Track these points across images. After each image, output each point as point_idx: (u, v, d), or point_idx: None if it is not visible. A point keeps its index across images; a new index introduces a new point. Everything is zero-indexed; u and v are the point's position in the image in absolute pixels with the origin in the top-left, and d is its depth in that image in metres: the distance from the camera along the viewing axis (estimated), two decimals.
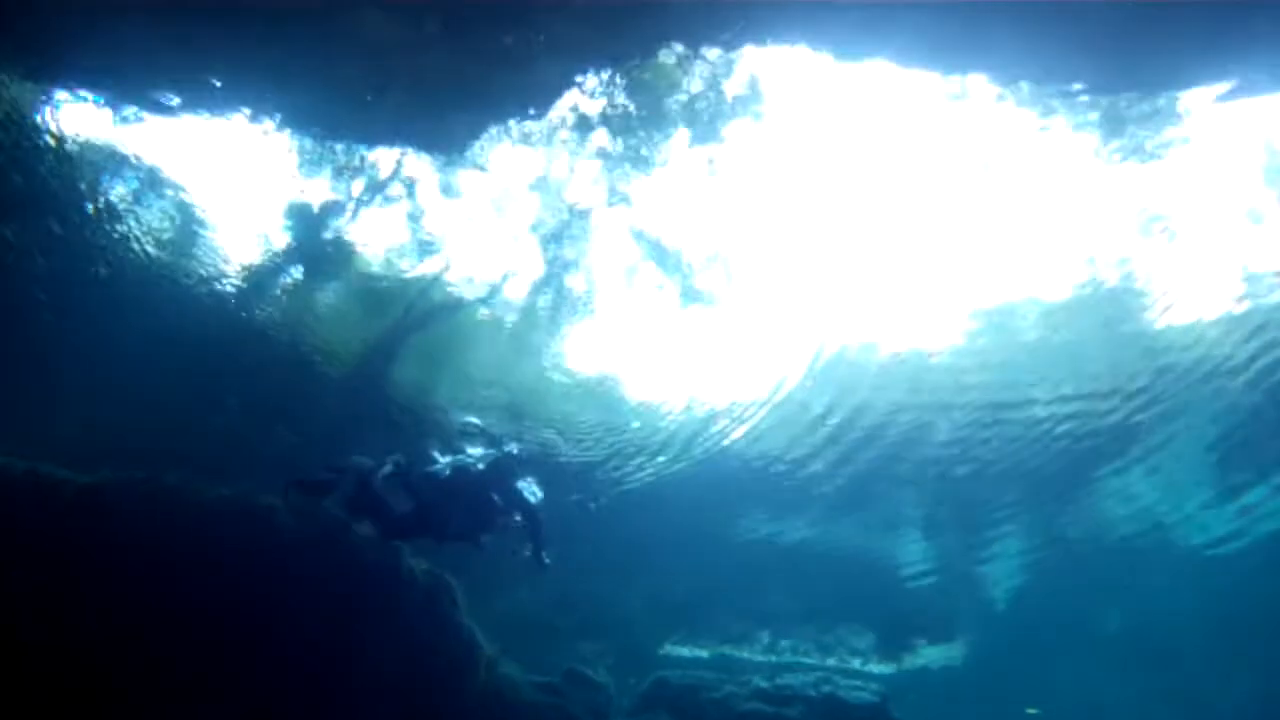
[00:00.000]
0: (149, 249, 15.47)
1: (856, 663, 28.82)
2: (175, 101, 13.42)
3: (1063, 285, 15.64)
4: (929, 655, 28.32)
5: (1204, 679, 27.06)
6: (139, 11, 11.74)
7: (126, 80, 13.07)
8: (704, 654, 28.93)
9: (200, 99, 13.49)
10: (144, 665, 12.28)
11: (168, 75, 12.99)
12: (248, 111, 13.69)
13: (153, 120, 13.59)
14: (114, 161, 14.18)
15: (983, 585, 24.21)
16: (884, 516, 21.60)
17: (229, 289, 16.32)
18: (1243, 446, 18.47)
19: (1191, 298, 15.46)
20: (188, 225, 15.43)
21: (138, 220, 15.06)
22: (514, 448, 13.83)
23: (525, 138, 14.26)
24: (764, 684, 19.49)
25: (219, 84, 13.18)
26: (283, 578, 13.39)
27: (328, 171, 14.88)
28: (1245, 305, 15.32)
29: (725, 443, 19.50)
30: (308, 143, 14.29)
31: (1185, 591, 23.22)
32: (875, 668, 28.84)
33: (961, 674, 28.76)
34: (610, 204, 15.23)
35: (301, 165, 14.65)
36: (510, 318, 17.25)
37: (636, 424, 19.35)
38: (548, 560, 13.28)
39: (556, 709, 17.33)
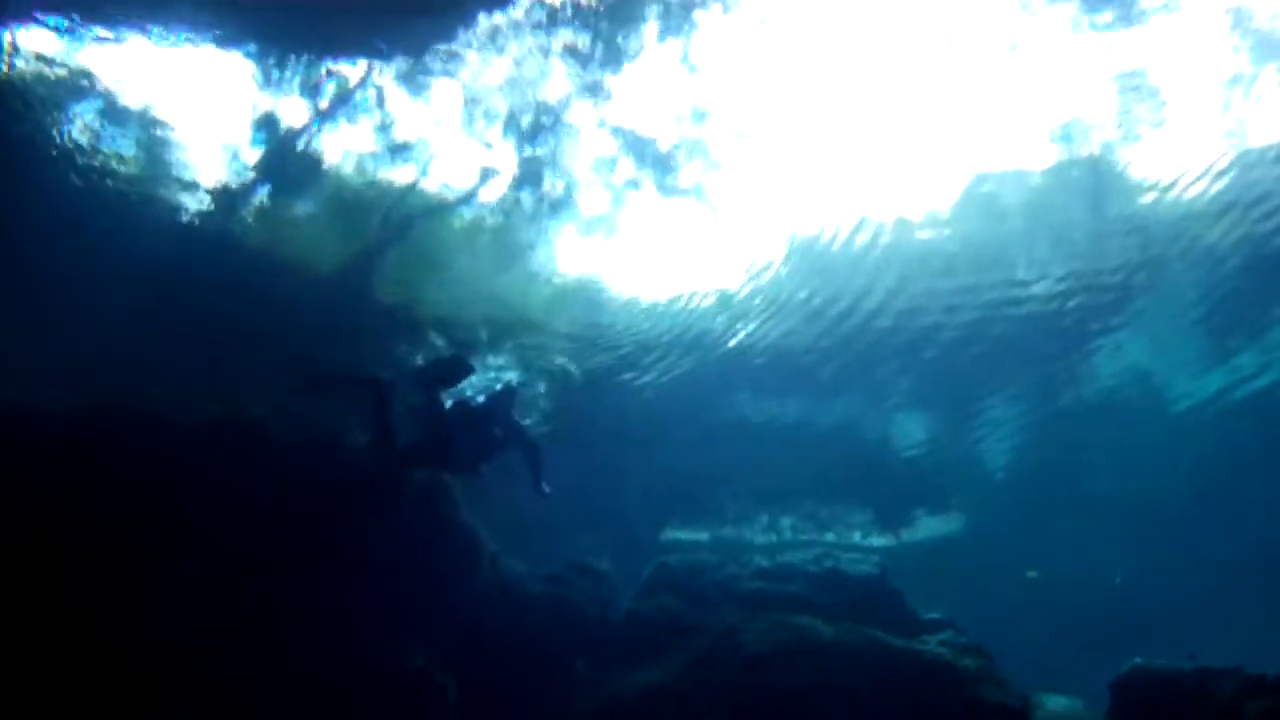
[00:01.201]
0: (118, 177, 15.44)
1: (856, 537, 29.35)
2: (132, 21, 13.26)
3: (1045, 158, 15.60)
4: (928, 526, 28.78)
5: (1195, 535, 27.63)
6: None
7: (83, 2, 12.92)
8: (704, 537, 29.42)
9: (159, 17, 13.36)
10: (144, 583, 12.53)
11: None
12: (208, 29, 13.59)
13: (110, 44, 13.48)
14: (76, 90, 14.11)
15: (978, 456, 24.48)
16: (877, 394, 21.78)
17: (202, 211, 16.29)
18: (1229, 310, 18.60)
19: (1174, 167, 15.42)
20: (155, 150, 15.37)
21: (104, 148, 15.01)
22: (513, 380, 13.98)
23: (493, 36, 14.12)
24: (765, 563, 19.82)
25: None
26: (279, 487, 13.61)
27: (295, 85, 14.78)
28: (1228, 172, 15.29)
29: (713, 331, 19.61)
30: (271, 58, 14.17)
31: (1175, 452, 23.56)
32: (875, 541, 29.43)
33: (960, 543, 29.28)
34: (582, 100, 15.12)
35: (266, 82, 14.58)
36: (490, 221, 17.20)
37: (621, 324, 19.47)
38: (547, 489, 13.79)
39: (561, 599, 17.73)
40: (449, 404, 13.40)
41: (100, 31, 13.29)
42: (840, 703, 15.15)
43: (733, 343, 20.02)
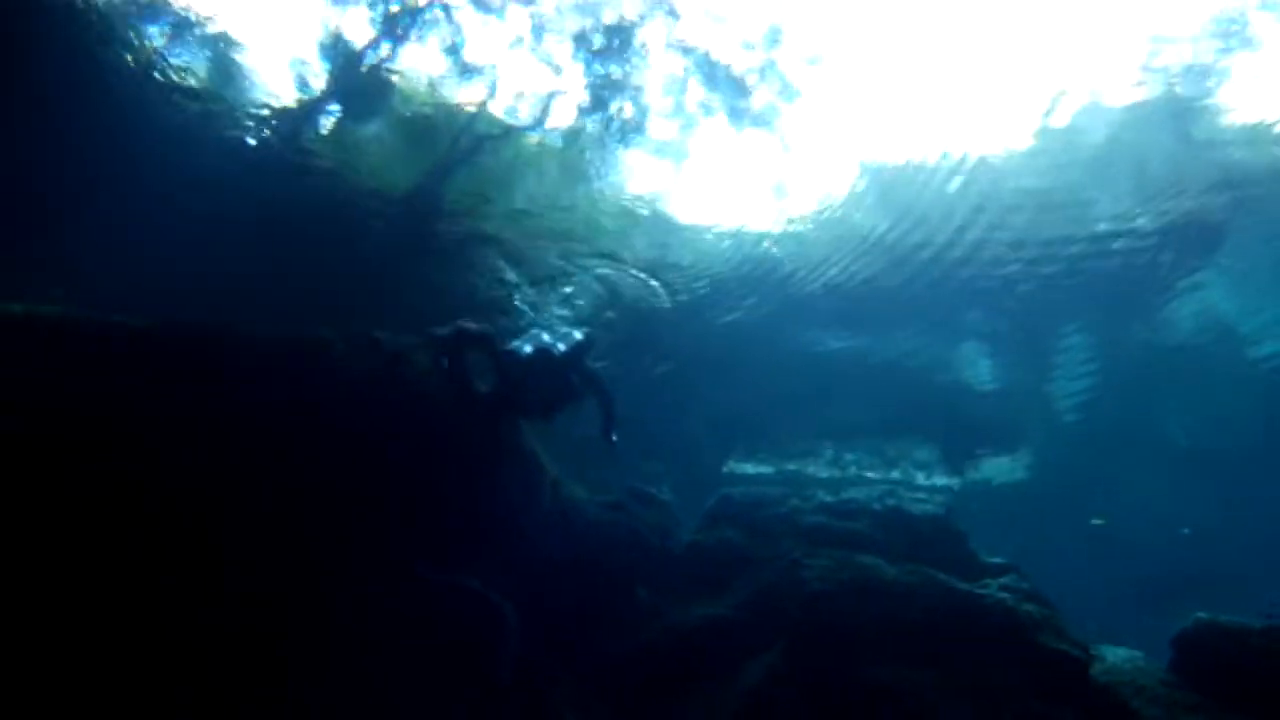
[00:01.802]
0: (190, 94, 15.47)
1: (921, 476, 29.15)
2: None
3: (1131, 93, 15.01)
4: (993, 468, 28.54)
5: (1268, 489, 27.00)
6: None
7: None
8: (768, 470, 29.43)
9: None
10: (211, 507, 12.68)
11: None
12: None
13: None
14: (148, 8, 14.11)
15: (1048, 397, 24.07)
16: (947, 329, 21.45)
17: (272, 130, 16.27)
18: None
19: (1260, 99, 14.74)
20: (226, 68, 15.39)
21: (175, 65, 15.03)
22: (588, 332, 14.09)
23: None
24: (828, 498, 19.69)
25: None
26: (344, 409, 13.66)
27: (363, 2, 14.64)
28: None
29: (782, 263, 19.35)
30: None
31: (1250, 402, 22.94)
32: (940, 481, 29.20)
33: (1026, 486, 28.99)
34: (653, 17, 14.82)
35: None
36: (559, 145, 17.03)
37: (688, 253, 19.26)
38: (615, 439, 14.23)
39: (622, 526, 17.78)
40: (530, 350, 13.57)
41: None
42: (899, 643, 15.07)
43: (801, 274, 19.69)
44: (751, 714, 14.20)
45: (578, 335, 13.91)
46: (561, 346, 13.54)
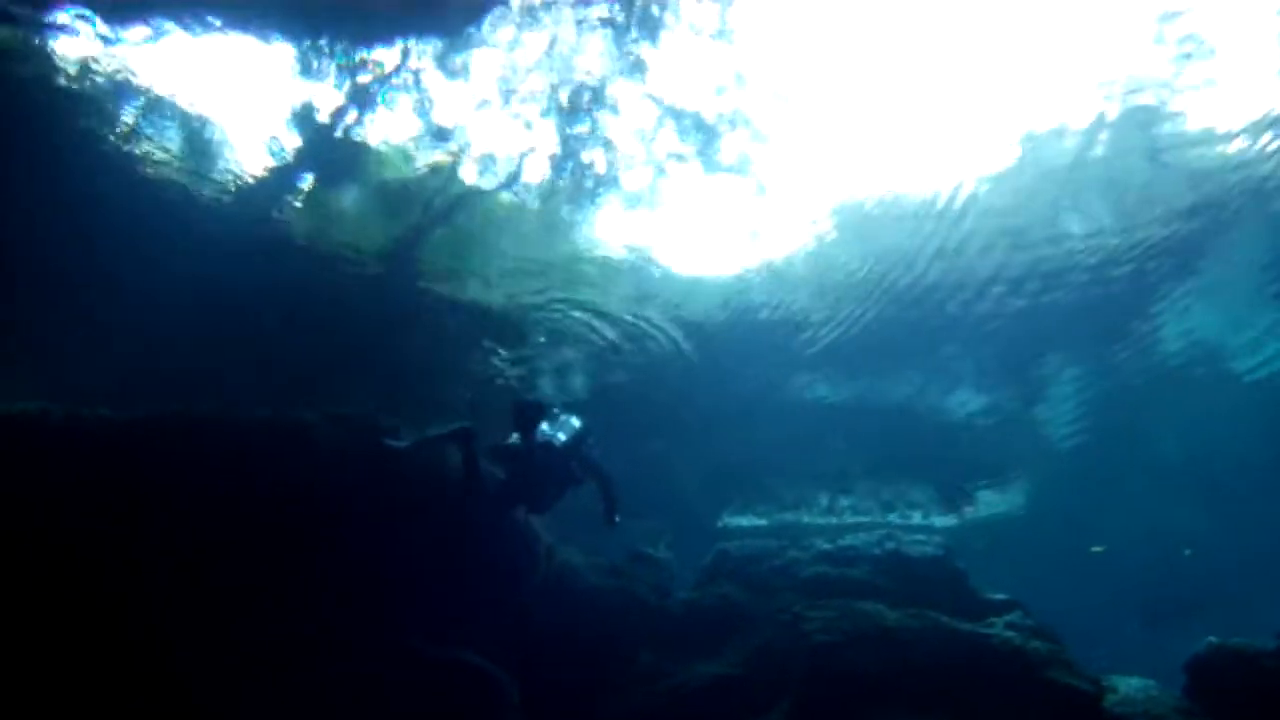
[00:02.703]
0: (162, 172, 15.50)
1: (917, 517, 29.10)
2: (167, 14, 13.28)
3: (1095, 113, 15.08)
4: (989, 503, 28.51)
5: (1269, 507, 26.99)
6: None
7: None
8: (763, 522, 29.31)
9: (193, 14, 13.35)
10: (198, 591, 12.60)
11: None
12: (242, 22, 13.55)
13: (146, 43, 13.56)
14: (118, 89, 14.16)
15: (1039, 426, 24.10)
16: (932, 367, 21.52)
17: (245, 203, 16.30)
18: None
19: (1227, 111, 14.82)
20: (197, 144, 15.42)
21: (147, 143, 15.08)
22: (586, 422, 14.26)
23: (527, 12, 13.95)
24: (827, 546, 19.69)
25: None
26: (328, 489, 13.63)
27: (330, 72, 14.72)
28: None
29: (763, 307, 19.37)
30: (306, 46, 14.13)
31: (1244, 420, 22.96)
32: (937, 521, 29.13)
33: (1024, 518, 28.94)
34: (621, 73, 14.92)
35: (302, 70, 14.54)
36: (534, 202, 17.08)
37: (668, 302, 19.26)
38: (617, 519, 14.23)
39: (620, 591, 17.71)
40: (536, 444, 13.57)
41: (137, 29, 13.31)
42: (908, 690, 14.99)
43: (781, 317, 19.69)
44: None
45: (575, 423, 13.98)
46: (562, 436, 13.56)
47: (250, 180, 16.04)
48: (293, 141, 15.62)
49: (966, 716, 14.52)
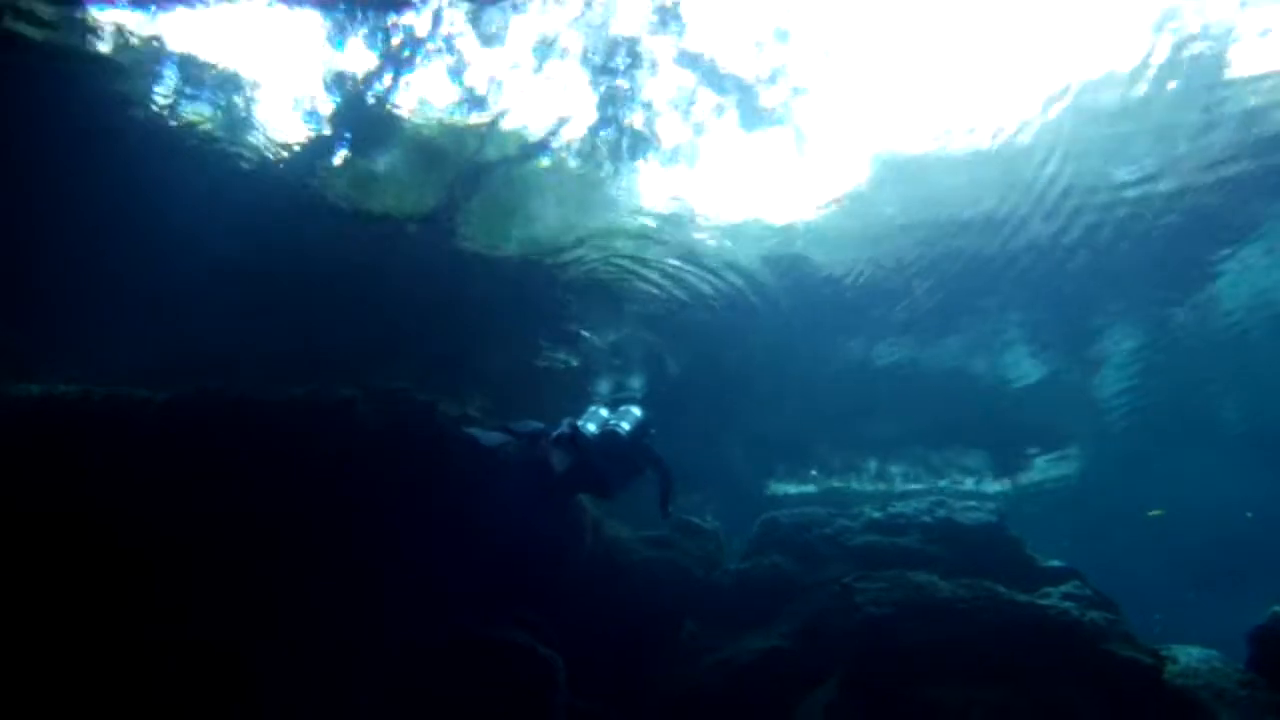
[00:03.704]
0: (199, 140, 15.44)
1: (969, 483, 28.83)
2: None
3: (1146, 57, 14.54)
4: (1044, 468, 28.17)
5: None
6: None
7: None
8: (811, 489, 29.17)
9: None
10: (243, 573, 12.64)
11: None
12: None
13: (178, 12, 13.35)
14: (153, 58, 14.05)
15: (1094, 388, 23.68)
16: (982, 327, 21.03)
17: (281, 172, 16.22)
18: None
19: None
20: (233, 112, 15.33)
21: (183, 113, 15.02)
22: (647, 413, 14.75)
23: None
24: (876, 514, 19.52)
25: None
26: (371, 467, 13.60)
27: (361, 38, 14.54)
28: None
29: (808, 266, 19.01)
30: (337, 14, 13.91)
31: None
32: (990, 486, 28.85)
33: (1079, 483, 28.59)
34: (656, 30, 14.63)
35: (336, 36, 14.33)
36: (572, 164, 16.84)
37: (710, 263, 18.98)
38: (671, 510, 14.85)
39: (667, 563, 17.63)
40: (598, 433, 13.91)
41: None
42: (962, 663, 14.84)
43: (828, 274, 19.29)
44: None
45: (636, 412, 14.33)
46: (626, 425, 13.91)
47: (286, 149, 15.93)
48: (328, 108, 15.49)
49: (1023, 691, 14.36)
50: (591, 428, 13.86)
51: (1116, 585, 17.37)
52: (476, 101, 15.63)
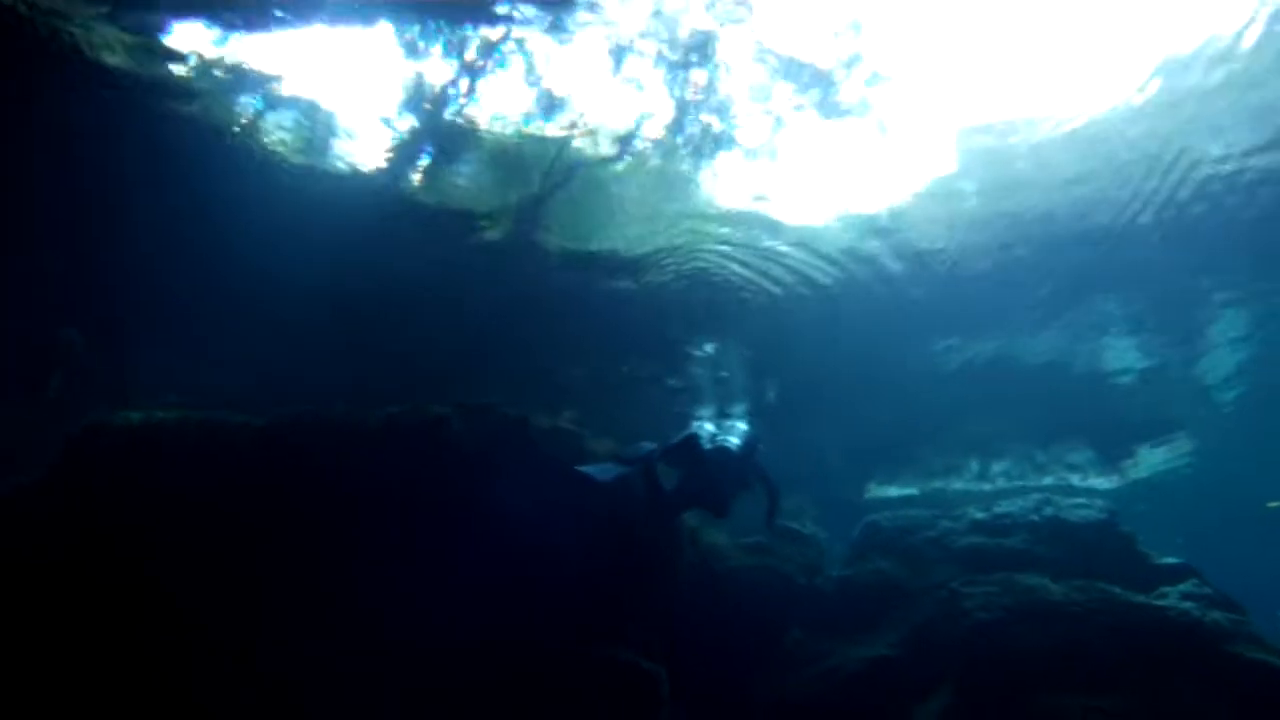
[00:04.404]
0: (286, 163, 15.59)
1: (1075, 479, 28.14)
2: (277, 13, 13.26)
3: (1237, 22, 13.85)
4: (1153, 461, 27.32)
5: None
6: None
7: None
8: (912, 491, 28.74)
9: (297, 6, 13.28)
10: (343, 595, 12.69)
11: None
12: (348, 11, 13.42)
13: (257, 36, 13.52)
14: (237, 84, 14.26)
15: (1202, 375, 22.85)
16: (1080, 316, 20.32)
17: (365, 189, 16.31)
18: None
19: None
20: (316, 132, 15.46)
21: (270, 135, 15.18)
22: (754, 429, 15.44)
23: None
24: (981, 515, 19.08)
25: None
26: (465, 482, 13.58)
27: (438, 50, 14.53)
28: None
29: (889, 259, 18.59)
30: (414, 28, 13.92)
31: None
32: (1096, 483, 28.12)
33: (1191, 475, 27.69)
34: (730, 23, 14.38)
35: (411, 53, 14.37)
36: (652, 163, 16.65)
37: (794, 260, 18.63)
38: (777, 521, 15.17)
39: (768, 570, 17.40)
40: (710, 448, 14.17)
41: (246, 26, 13.32)
42: (1078, 669, 14.39)
43: (918, 270, 18.80)
44: None
45: (743, 426, 14.94)
46: (735, 440, 14.14)
47: (369, 165, 16.04)
48: (407, 122, 15.54)
49: (1145, 699, 13.87)
50: (705, 445, 13.90)
51: (1236, 584, 16.70)
52: (554, 107, 15.57)
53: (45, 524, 12.57)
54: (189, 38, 13.47)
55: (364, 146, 15.89)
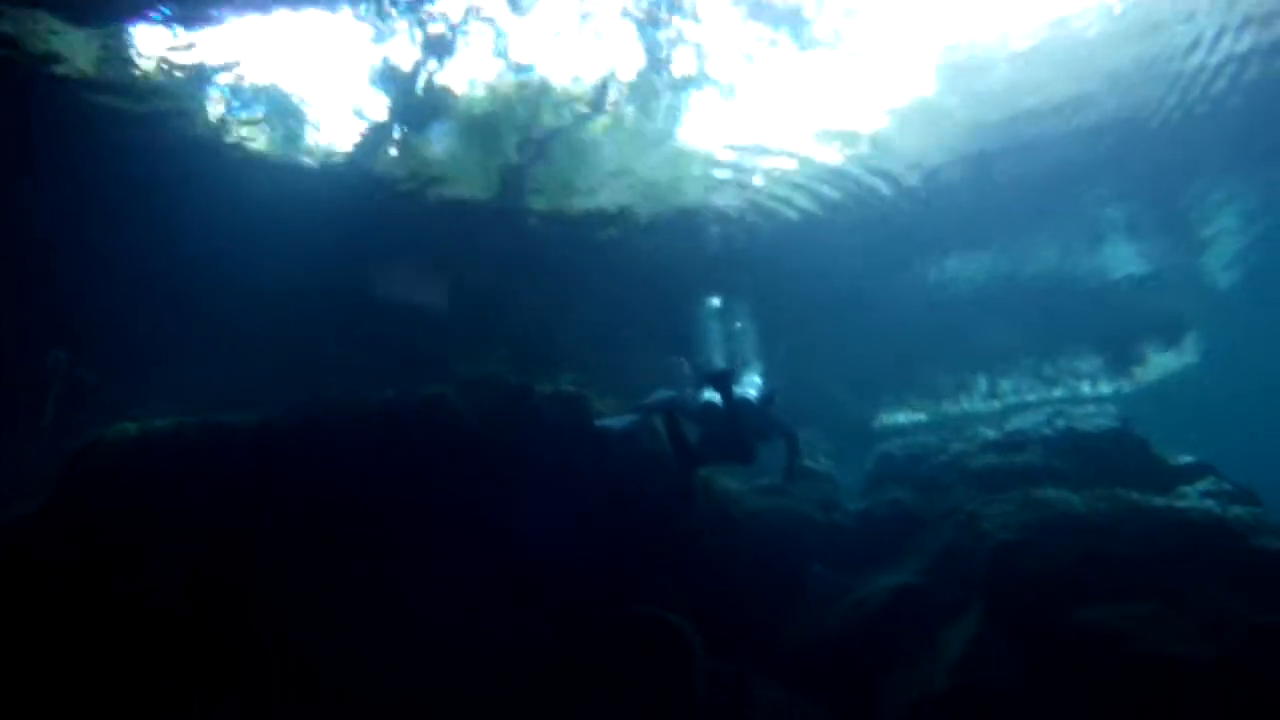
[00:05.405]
0: (258, 153, 15.43)
1: (1085, 388, 28.05)
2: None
3: None
4: (1162, 364, 27.26)
5: None
6: None
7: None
8: (922, 416, 28.70)
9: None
10: (365, 579, 12.70)
11: None
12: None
13: (219, 27, 13.53)
14: (200, 78, 14.26)
15: (1206, 271, 22.63)
16: (1075, 221, 20.08)
17: (342, 170, 16.15)
18: None
19: None
20: (286, 119, 15.32)
21: (239, 127, 15.03)
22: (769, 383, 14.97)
23: None
24: (993, 434, 19.02)
25: None
26: (471, 453, 13.56)
27: (401, 29, 14.32)
28: None
29: (877, 180, 18.33)
30: (371, 8, 13.70)
31: None
32: (1106, 390, 28.03)
33: (1201, 375, 27.59)
34: None
35: (374, 32, 14.25)
36: (629, 113, 16.40)
37: (783, 190, 18.39)
38: (798, 468, 15.39)
39: (784, 510, 17.39)
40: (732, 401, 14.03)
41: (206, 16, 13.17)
42: (1104, 581, 14.29)
43: (906, 188, 18.52)
44: (964, 693, 13.53)
45: (758, 379, 14.63)
46: (753, 392, 14.09)
47: (344, 147, 15.88)
48: (379, 100, 15.35)
49: (1176, 602, 13.79)
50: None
51: (1258, 476, 16.64)
52: (524, 72, 15.38)
53: (48, 546, 12.57)
54: (152, 40, 13.43)
55: (338, 129, 15.81)
